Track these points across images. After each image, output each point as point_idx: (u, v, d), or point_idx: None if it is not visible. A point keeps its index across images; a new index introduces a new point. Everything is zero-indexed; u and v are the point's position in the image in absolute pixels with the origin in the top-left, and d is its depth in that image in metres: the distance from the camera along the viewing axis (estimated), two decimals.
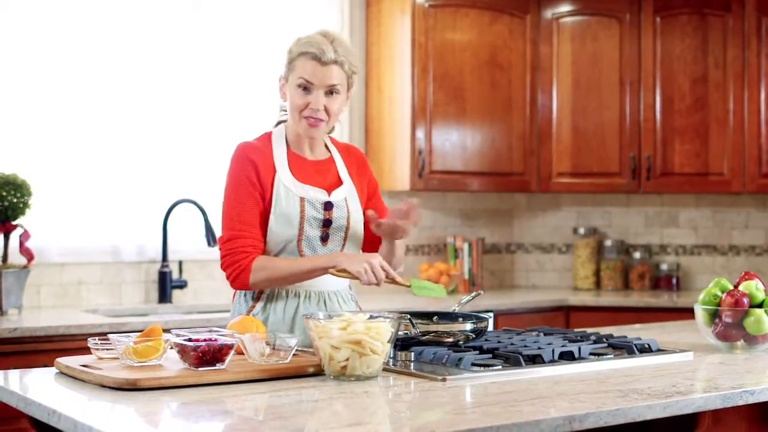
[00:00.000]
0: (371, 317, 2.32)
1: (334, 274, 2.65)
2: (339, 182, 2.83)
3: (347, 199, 2.81)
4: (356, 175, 2.88)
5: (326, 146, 2.88)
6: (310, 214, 2.72)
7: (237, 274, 2.67)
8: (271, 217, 2.70)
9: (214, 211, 4.38)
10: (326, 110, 2.72)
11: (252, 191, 2.70)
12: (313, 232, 2.73)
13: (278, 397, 2.04)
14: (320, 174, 2.80)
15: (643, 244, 5.52)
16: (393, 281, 2.64)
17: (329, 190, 2.78)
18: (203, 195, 4.46)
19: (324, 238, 2.75)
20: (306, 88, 2.70)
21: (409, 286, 2.68)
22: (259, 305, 2.74)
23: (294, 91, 2.72)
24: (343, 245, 2.80)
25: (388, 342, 2.25)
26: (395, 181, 4.95)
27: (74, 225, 4.30)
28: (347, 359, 2.21)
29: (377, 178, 4.95)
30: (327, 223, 2.75)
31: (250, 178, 2.70)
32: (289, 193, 2.72)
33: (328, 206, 2.75)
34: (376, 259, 2.61)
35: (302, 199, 2.72)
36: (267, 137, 2.81)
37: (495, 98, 5.08)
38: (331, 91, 2.71)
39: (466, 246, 5.23)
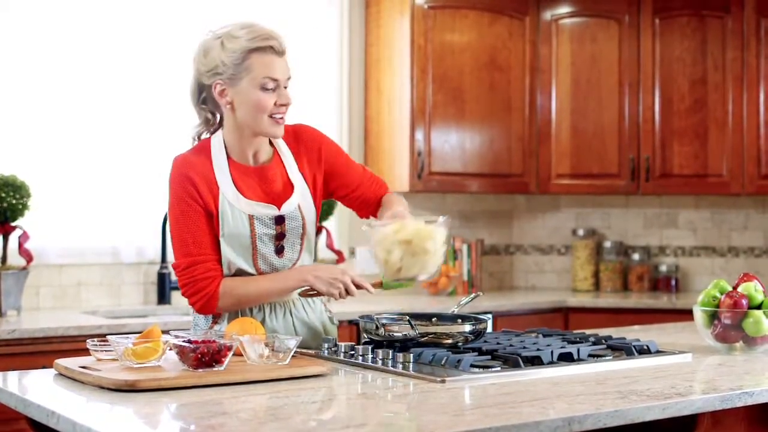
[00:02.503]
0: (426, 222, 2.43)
1: (303, 296, 2.59)
2: (289, 187, 2.65)
3: (300, 205, 2.65)
4: (307, 164, 2.69)
5: (270, 141, 2.67)
6: (261, 231, 2.58)
7: (204, 302, 2.54)
8: (221, 239, 2.56)
9: None
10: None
11: (198, 209, 2.54)
12: (267, 248, 2.61)
13: (277, 399, 2.04)
14: (267, 182, 2.62)
15: (642, 246, 5.52)
16: (366, 288, 2.59)
17: (279, 202, 2.62)
18: None
19: (279, 251, 2.63)
20: (270, 87, 2.52)
21: (381, 285, 2.63)
22: (223, 322, 2.63)
23: (254, 92, 2.50)
24: (300, 250, 2.68)
25: (443, 243, 2.34)
26: (394, 182, 4.95)
27: (73, 226, 4.30)
28: (401, 259, 2.33)
29: None
30: (280, 237, 2.62)
31: (193, 197, 2.54)
32: (235, 212, 2.56)
33: (279, 220, 2.60)
34: (346, 276, 2.52)
35: (251, 217, 2.57)
36: (204, 147, 2.62)
37: (494, 99, 5.08)
38: (285, 85, 2.56)
39: (465, 247, 5.23)
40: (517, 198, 5.65)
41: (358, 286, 2.56)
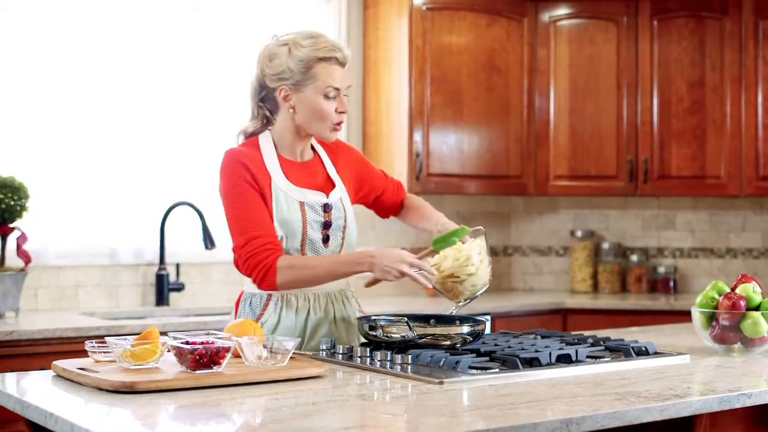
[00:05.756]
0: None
1: (367, 286, 2.67)
2: (331, 182, 2.81)
3: (342, 199, 2.81)
4: (343, 169, 2.87)
5: (311, 146, 2.85)
6: (311, 217, 2.70)
7: (264, 274, 2.60)
8: (275, 224, 2.67)
9: (211, 213, 4.38)
10: None
11: (254, 192, 2.65)
12: (315, 235, 2.71)
13: (275, 400, 2.04)
14: (311, 176, 2.78)
15: (641, 247, 5.52)
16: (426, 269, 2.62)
17: (325, 192, 2.77)
18: (201, 198, 4.45)
19: (325, 240, 2.74)
20: (332, 95, 2.67)
21: (436, 251, 2.70)
22: (269, 311, 2.71)
23: (317, 99, 2.66)
24: (342, 245, 2.79)
25: (484, 253, 2.67)
26: None
27: (72, 227, 4.30)
28: (452, 290, 2.62)
29: None
30: (327, 225, 2.74)
31: (248, 180, 2.64)
32: (288, 198, 2.69)
33: (327, 208, 2.74)
34: (403, 264, 2.55)
35: (302, 203, 2.70)
36: (253, 143, 2.75)
37: (492, 101, 5.09)
38: (345, 93, 2.73)
39: None
40: (515, 199, 5.65)
41: (421, 268, 2.59)
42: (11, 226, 3.84)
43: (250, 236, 2.62)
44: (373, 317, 2.65)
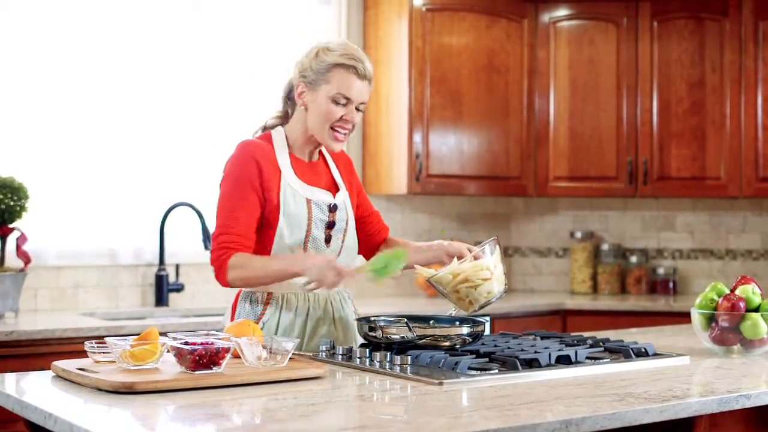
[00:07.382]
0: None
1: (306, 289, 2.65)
2: (335, 185, 2.86)
3: (345, 202, 2.85)
4: (345, 177, 2.92)
5: (320, 150, 2.90)
6: (317, 215, 2.74)
7: (217, 269, 2.66)
8: (281, 218, 2.69)
9: (211, 214, 4.37)
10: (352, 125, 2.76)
11: (250, 192, 2.67)
12: (319, 233, 2.75)
13: (275, 401, 2.04)
14: (318, 176, 2.83)
15: (640, 248, 5.52)
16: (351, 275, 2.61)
17: (332, 192, 2.82)
18: (200, 198, 4.46)
19: (327, 240, 2.77)
20: (341, 102, 2.70)
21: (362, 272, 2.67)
22: (270, 310, 2.73)
23: (326, 102, 2.70)
24: (341, 247, 2.81)
25: (499, 261, 2.65)
26: (392, 184, 4.95)
27: (71, 228, 4.30)
28: (467, 296, 2.60)
29: (374, 181, 5.04)
30: (331, 225, 2.77)
31: (251, 179, 2.67)
32: (296, 195, 2.73)
33: (332, 208, 2.78)
34: (330, 269, 2.55)
35: (309, 201, 2.74)
36: (267, 138, 2.80)
37: (492, 102, 5.09)
38: (358, 108, 2.74)
39: None
40: (515, 201, 5.65)
41: (341, 273, 2.58)
42: (11, 226, 3.84)
43: (223, 230, 2.66)
44: (373, 318, 2.65)
